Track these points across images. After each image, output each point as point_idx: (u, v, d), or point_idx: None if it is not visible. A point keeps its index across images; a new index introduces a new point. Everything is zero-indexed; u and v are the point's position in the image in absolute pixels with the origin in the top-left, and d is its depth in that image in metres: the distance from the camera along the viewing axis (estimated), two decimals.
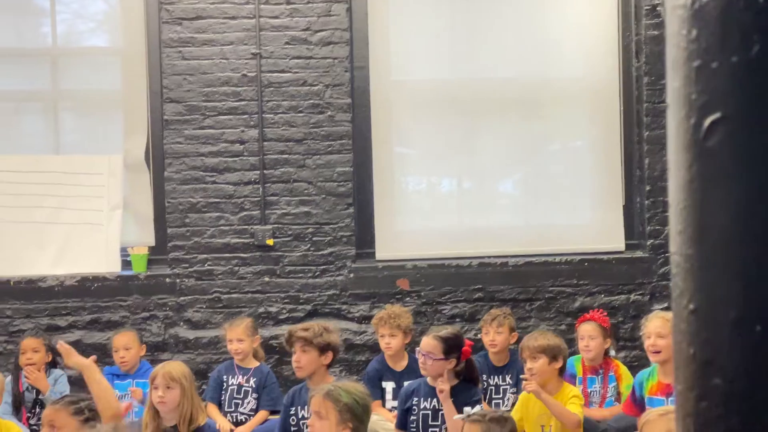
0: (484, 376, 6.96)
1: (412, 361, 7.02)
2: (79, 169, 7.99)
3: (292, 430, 5.80)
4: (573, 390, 6.06)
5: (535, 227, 8.26)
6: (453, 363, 5.79)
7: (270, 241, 7.89)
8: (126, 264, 7.98)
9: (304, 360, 5.96)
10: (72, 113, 8.46)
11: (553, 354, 5.98)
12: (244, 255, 7.91)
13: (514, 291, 7.97)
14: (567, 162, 8.41)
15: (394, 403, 6.73)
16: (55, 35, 8.25)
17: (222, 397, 7.14)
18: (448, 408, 5.70)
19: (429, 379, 5.87)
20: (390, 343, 7.20)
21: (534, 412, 5.92)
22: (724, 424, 1.06)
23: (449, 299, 7.95)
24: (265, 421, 7.01)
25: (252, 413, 7.09)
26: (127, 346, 7.32)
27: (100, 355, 7.55)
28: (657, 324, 6.27)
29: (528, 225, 8.29)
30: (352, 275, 7.94)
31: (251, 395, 7.12)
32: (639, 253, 8.09)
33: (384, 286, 7.93)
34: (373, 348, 7.62)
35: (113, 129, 8.18)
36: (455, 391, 5.78)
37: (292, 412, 5.82)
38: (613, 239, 8.16)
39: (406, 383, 6.68)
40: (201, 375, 7.49)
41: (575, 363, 6.94)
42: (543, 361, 5.96)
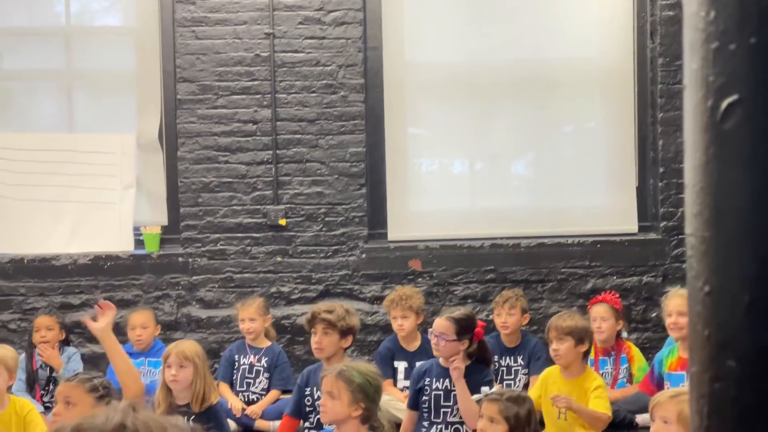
0: (496, 358, 6.96)
1: (425, 341, 7.04)
2: (91, 148, 8.01)
3: (307, 410, 5.80)
4: (596, 379, 5.97)
5: (547, 208, 8.24)
6: (465, 344, 5.79)
7: (282, 221, 7.90)
8: (139, 243, 8.00)
9: (326, 342, 5.96)
10: (85, 92, 8.47)
11: (579, 336, 5.95)
12: (257, 235, 7.93)
13: (526, 272, 7.96)
14: (580, 143, 8.38)
15: (406, 382, 6.74)
16: (69, 14, 8.26)
17: (234, 377, 7.17)
18: (461, 388, 5.70)
19: (441, 360, 5.88)
20: (403, 324, 7.21)
21: (552, 392, 5.92)
22: (738, 405, 1.06)
23: (461, 280, 7.95)
24: (277, 400, 7.03)
25: (263, 392, 7.11)
26: (144, 325, 7.34)
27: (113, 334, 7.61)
28: (678, 302, 6.29)
29: (540, 206, 8.27)
30: (364, 256, 7.94)
31: (263, 375, 7.14)
32: (652, 235, 8.07)
33: (396, 267, 7.93)
34: (385, 329, 7.64)
35: (126, 108, 8.19)
36: (467, 372, 5.78)
37: (307, 392, 5.82)
38: (626, 221, 8.14)
39: (418, 363, 6.70)
40: (213, 354, 7.52)
41: None
42: (569, 343, 5.93)
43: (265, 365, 7.15)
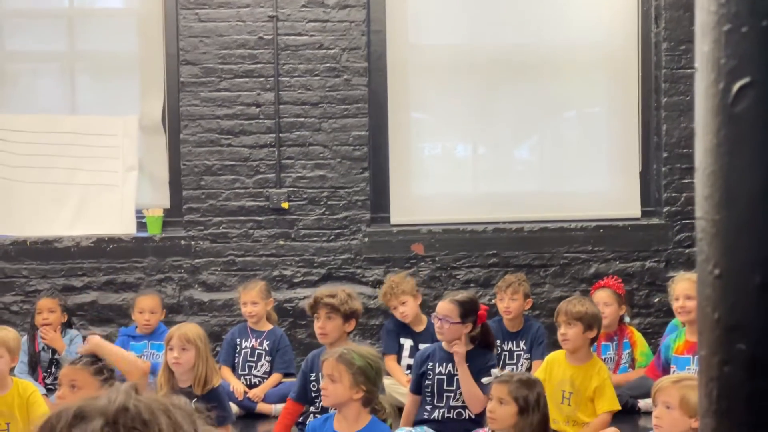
0: (498, 342, 6.96)
1: (431, 324, 7.05)
2: (94, 130, 8.00)
3: (313, 395, 5.80)
4: (602, 370, 5.94)
5: (550, 193, 8.24)
6: (469, 327, 5.79)
7: (285, 205, 7.89)
8: (141, 226, 8.00)
9: (330, 327, 5.95)
10: (88, 74, 8.46)
11: (589, 323, 5.93)
12: (259, 218, 7.92)
13: (529, 257, 7.96)
14: (584, 128, 8.37)
15: (410, 360, 6.76)
16: None
17: (235, 360, 7.18)
18: (464, 372, 5.71)
19: (444, 344, 5.88)
20: (404, 311, 7.24)
21: (556, 377, 5.92)
22: (748, 388, 1.06)
23: (464, 264, 7.95)
24: (279, 384, 7.04)
25: (265, 376, 7.12)
26: (152, 310, 7.35)
27: (115, 316, 7.64)
28: (685, 286, 6.30)
29: (543, 191, 8.27)
30: (366, 239, 7.94)
31: (264, 358, 7.15)
32: (655, 220, 8.07)
33: (398, 251, 7.93)
34: (387, 313, 7.63)
35: (129, 91, 8.18)
36: (470, 356, 5.78)
37: (312, 377, 5.81)
38: (629, 206, 8.14)
39: (421, 346, 6.72)
40: (215, 337, 7.52)
41: None
42: (578, 328, 5.91)
43: (267, 349, 7.16)
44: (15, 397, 5.43)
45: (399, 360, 7.23)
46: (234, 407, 6.35)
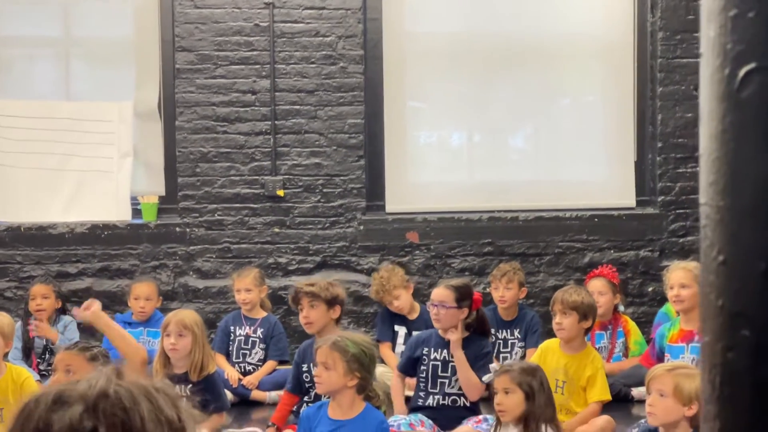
0: (493, 330, 6.97)
1: (424, 311, 7.07)
2: (89, 116, 7.98)
3: (307, 386, 5.81)
4: (595, 359, 5.94)
5: (545, 182, 8.25)
6: (465, 312, 5.79)
7: (280, 192, 7.88)
8: (136, 212, 7.99)
9: (314, 315, 5.94)
10: (83, 60, 8.43)
11: (584, 312, 5.92)
12: (255, 205, 7.92)
13: (524, 245, 7.97)
14: (579, 117, 8.37)
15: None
16: None
17: (230, 348, 7.18)
18: (460, 358, 5.71)
19: (440, 331, 5.88)
20: (399, 305, 7.26)
21: (551, 365, 5.92)
22: (752, 374, 1.06)
23: (459, 253, 7.96)
24: (273, 371, 7.04)
25: (260, 363, 7.12)
26: (148, 297, 7.35)
27: (109, 303, 7.62)
28: (680, 275, 6.30)
29: (539, 180, 8.28)
30: (362, 227, 7.94)
31: (258, 345, 7.15)
32: (650, 210, 8.08)
33: (394, 239, 7.93)
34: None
35: (125, 77, 8.16)
36: (466, 343, 5.78)
37: (305, 368, 5.81)
38: (624, 195, 8.14)
39: (415, 333, 6.72)
40: (210, 324, 7.51)
41: None
42: (573, 318, 5.90)
43: (261, 336, 7.16)
44: (9, 382, 5.42)
45: (393, 347, 7.24)
46: (228, 395, 6.35)
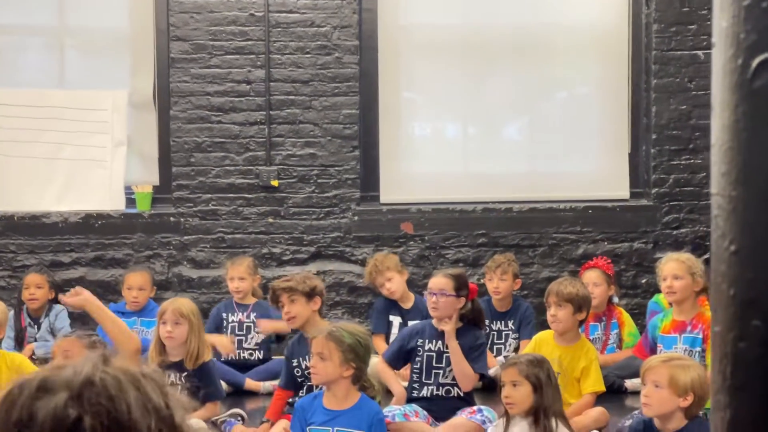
0: (487, 322, 6.98)
1: (419, 300, 7.07)
2: (82, 105, 7.96)
3: (299, 381, 5.81)
4: (590, 351, 5.95)
5: (540, 173, 8.25)
6: (462, 302, 5.80)
7: (275, 182, 7.88)
8: (130, 202, 7.98)
9: (295, 309, 5.92)
10: (78, 50, 8.39)
11: (579, 304, 5.92)
12: (249, 195, 7.91)
13: (518, 237, 7.97)
14: (573, 108, 8.38)
15: None
16: None
17: (222, 334, 7.14)
18: (454, 349, 5.72)
19: (435, 321, 5.89)
20: (391, 287, 7.25)
21: (545, 356, 5.93)
22: (764, 364, 1.06)
23: (453, 244, 7.96)
24: (268, 360, 7.03)
25: (257, 347, 7.10)
26: (142, 287, 7.33)
27: (103, 292, 7.61)
28: (672, 266, 6.30)
29: (533, 171, 8.28)
30: (356, 218, 7.94)
31: (254, 330, 7.14)
32: (643, 202, 8.09)
33: (388, 230, 7.93)
34: (376, 291, 7.63)
35: (119, 66, 8.14)
36: (460, 334, 5.79)
37: (295, 364, 5.82)
38: (618, 187, 8.15)
39: (410, 323, 6.73)
40: (203, 314, 7.48)
41: None
42: (568, 310, 5.90)
43: (255, 320, 7.14)
44: (2, 369, 5.42)
45: (388, 339, 7.24)
46: (223, 385, 6.34)
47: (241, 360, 7.04)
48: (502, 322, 7.20)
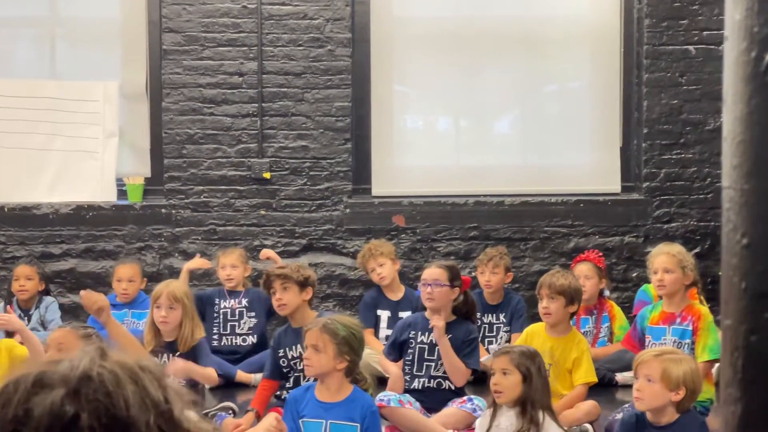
0: (479, 315, 6.98)
1: (409, 292, 7.07)
2: (74, 96, 7.93)
3: (284, 371, 5.82)
4: (581, 342, 5.95)
5: (531, 167, 8.26)
6: (456, 293, 5.81)
7: (267, 175, 7.87)
8: (122, 194, 7.96)
9: (287, 297, 5.93)
10: (69, 41, 8.36)
11: (571, 297, 5.92)
12: (241, 188, 7.90)
13: (510, 230, 7.98)
14: (565, 102, 8.39)
15: (389, 332, 6.76)
16: None
17: (215, 323, 7.11)
18: (444, 345, 5.72)
19: (427, 313, 5.89)
20: (381, 273, 7.24)
21: (536, 348, 5.93)
22: None
23: (444, 237, 7.96)
24: (260, 351, 7.03)
25: (250, 332, 7.09)
26: (131, 279, 7.31)
27: (94, 284, 7.58)
28: (663, 260, 6.29)
29: (525, 165, 8.29)
30: (348, 210, 7.93)
31: (247, 314, 7.12)
32: (635, 195, 8.10)
33: (380, 222, 7.93)
34: (367, 284, 7.64)
35: (111, 58, 8.12)
36: (451, 327, 5.80)
37: (281, 353, 5.82)
38: (610, 181, 8.16)
39: (402, 314, 6.73)
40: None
41: None
42: (560, 302, 5.90)
43: (247, 305, 7.13)
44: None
45: (376, 333, 7.23)
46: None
47: (234, 346, 7.04)
48: (494, 315, 7.20)
